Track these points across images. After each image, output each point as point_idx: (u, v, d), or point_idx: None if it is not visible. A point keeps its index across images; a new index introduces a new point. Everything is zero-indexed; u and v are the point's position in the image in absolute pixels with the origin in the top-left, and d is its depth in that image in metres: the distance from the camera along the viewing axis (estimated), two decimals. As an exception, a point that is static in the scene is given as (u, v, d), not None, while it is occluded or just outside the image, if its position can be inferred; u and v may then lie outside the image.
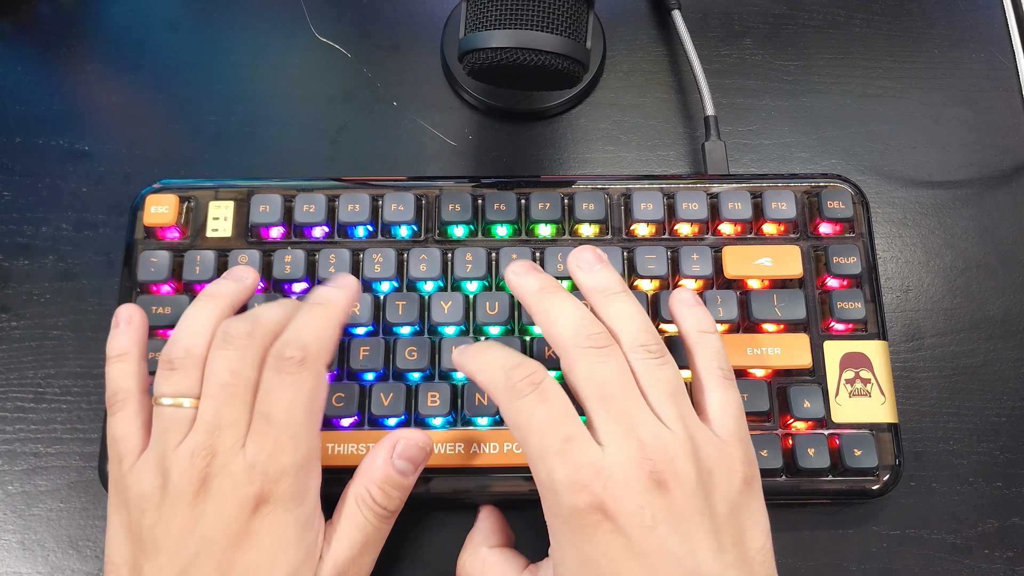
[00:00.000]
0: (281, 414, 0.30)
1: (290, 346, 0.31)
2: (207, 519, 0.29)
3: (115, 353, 0.33)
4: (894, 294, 0.43)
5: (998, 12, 0.48)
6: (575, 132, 0.46)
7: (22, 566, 0.38)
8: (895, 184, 0.45)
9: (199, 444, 0.30)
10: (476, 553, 0.34)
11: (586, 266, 0.34)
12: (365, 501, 0.32)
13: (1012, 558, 0.38)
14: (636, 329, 0.32)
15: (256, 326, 0.31)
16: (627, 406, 0.29)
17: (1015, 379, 0.41)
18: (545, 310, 0.32)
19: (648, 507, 0.27)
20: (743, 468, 0.30)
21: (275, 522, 0.30)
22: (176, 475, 0.29)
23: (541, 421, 0.29)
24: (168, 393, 0.31)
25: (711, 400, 0.32)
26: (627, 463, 0.28)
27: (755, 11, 0.48)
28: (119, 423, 0.32)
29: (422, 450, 0.33)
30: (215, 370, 0.31)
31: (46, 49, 0.47)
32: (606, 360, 0.30)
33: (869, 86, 0.47)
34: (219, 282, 0.35)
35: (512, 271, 0.34)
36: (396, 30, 0.48)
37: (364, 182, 0.41)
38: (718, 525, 0.29)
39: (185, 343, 0.32)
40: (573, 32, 0.36)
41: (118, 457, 0.31)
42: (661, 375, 0.31)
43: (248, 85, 0.47)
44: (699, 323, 0.34)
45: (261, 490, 0.29)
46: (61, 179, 0.44)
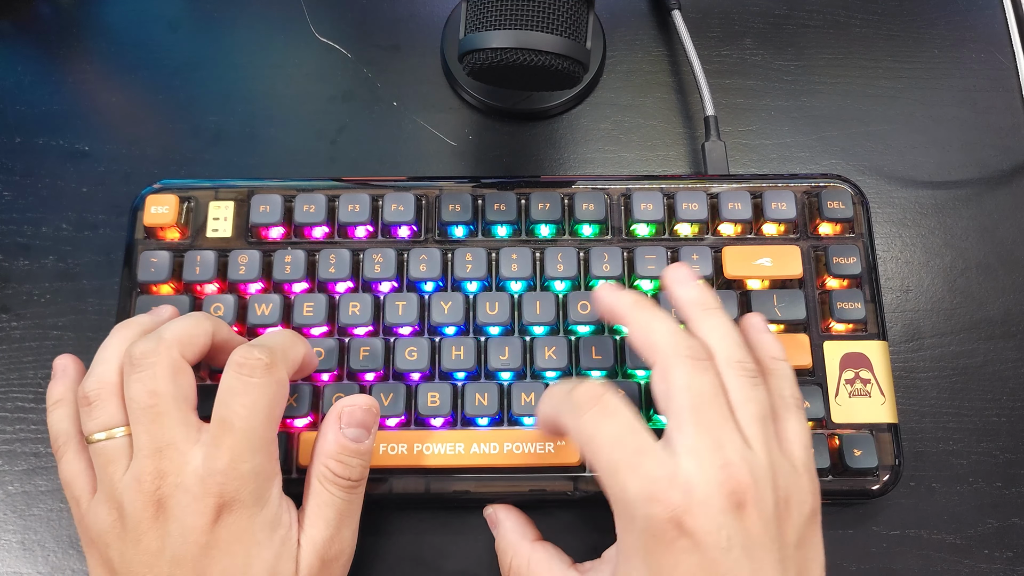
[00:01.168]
0: (241, 420, 0.30)
1: (256, 349, 0.31)
2: (172, 537, 0.29)
3: (52, 401, 0.33)
4: (894, 294, 0.43)
5: (998, 12, 0.48)
6: (575, 132, 0.46)
7: (22, 566, 0.38)
8: (895, 184, 0.45)
9: (142, 469, 0.30)
10: (518, 551, 0.34)
11: (683, 281, 0.34)
12: (327, 477, 0.32)
13: (1012, 558, 0.38)
14: (733, 346, 0.31)
15: (159, 341, 0.31)
16: (718, 421, 0.29)
17: (1015, 379, 0.41)
18: (645, 319, 0.32)
19: (725, 528, 0.27)
20: (812, 500, 0.30)
21: (240, 527, 0.30)
22: (128, 504, 0.29)
23: (608, 435, 0.29)
24: (95, 428, 0.31)
25: (787, 429, 0.31)
26: (710, 480, 0.28)
27: (755, 11, 0.48)
28: (66, 467, 0.32)
29: (368, 411, 0.33)
30: (132, 396, 0.30)
31: (46, 49, 0.47)
32: (704, 372, 0.30)
33: (869, 86, 0.47)
34: (136, 317, 0.35)
35: (602, 291, 0.34)
36: (396, 30, 0.48)
37: (364, 182, 0.41)
38: (785, 555, 0.28)
39: (97, 376, 0.31)
40: (573, 32, 0.36)
41: (74, 499, 0.32)
42: (754, 395, 0.30)
43: (248, 85, 0.47)
44: (773, 350, 0.34)
45: (221, 498, 0.29)
46: (61, 179, 0.44)
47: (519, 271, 0.39)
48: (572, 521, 0.38)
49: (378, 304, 0.38)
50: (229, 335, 0.34)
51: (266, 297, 0.38)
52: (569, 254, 0.39)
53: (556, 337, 0.38)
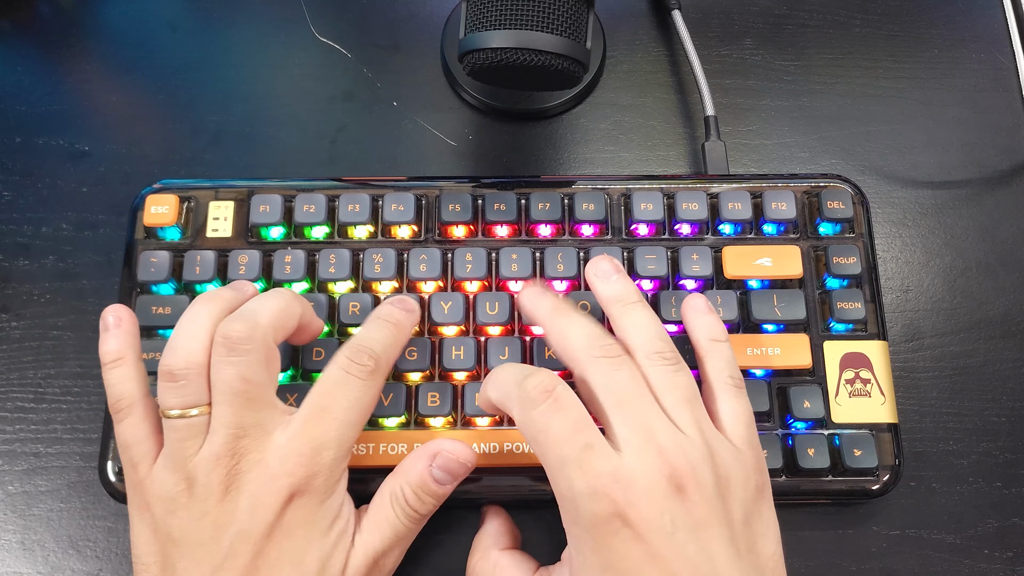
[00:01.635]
0: (341, 411, 0.31)
1: (364, 353, 0.32)
2: (240, 512, 0.29)
3: (110, 358, 0.33)
4: (894, 294, 0.43)
5: (998, 12, 0.48)
6: (575, 132, 0.46)
7: (22, 566, 0.38)
8: (895, 184, 0.45)
9: (223, 449, 0.30)
10: (487, 556, 0.34)
11: (604, 275, 0.35)
12: (398, 500, 0.32)
13: (1012, 558, 0.38)
14: (651, 337, 0.32)
15: (255, 327, 0.31)
16: (644, 412, 0.29)
17: (1015, 379, 0.41)
18: (559, 327, 0.32)
19: (667, 512, 0.28)
20: (756, 476, 0.30)
21: (307, 512, 0.30)
22: (203, 476, 0.30)
23: (558, 431, 0.29)
24: (175, 406, 0.31)
25: (723, 408, 0.32)
26: (647, 469, 0.28)
27: (755, 11, 0.48)
28: (128, 430, 0.32)
29: (462, 465, 0.33)
30: (224, 379, 0.30)
31: (46, 49, 0.47)
32: (619, 368, 0.30)
33: (869, 86, 0.47)
34: (217, 288, 0.35)
35: (525, 295, 0.35)
36: (396, 30, 0.48)
37: (364, 182, 0.41)
38: (734, 532, 0.29)
39: (184, 351, 0.31)
40: (573, 32, 0.36)
41: (132, 463, 0.31)
42: (676, 381, 0.31)
43: (248, 85, 0.47)
44: (711, 331, 0.34)
45: (297, 482, 0.30)
46: (61, 179, 0.44)
47: (519, 271, 0.39)
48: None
49: (378, 304, 0.38)
50: (311, 317, 0.35)
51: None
52: (569, 254, 0.39)
53: (556, 337, 0.38)
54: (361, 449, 0.36)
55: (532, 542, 0.37)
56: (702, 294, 0.36)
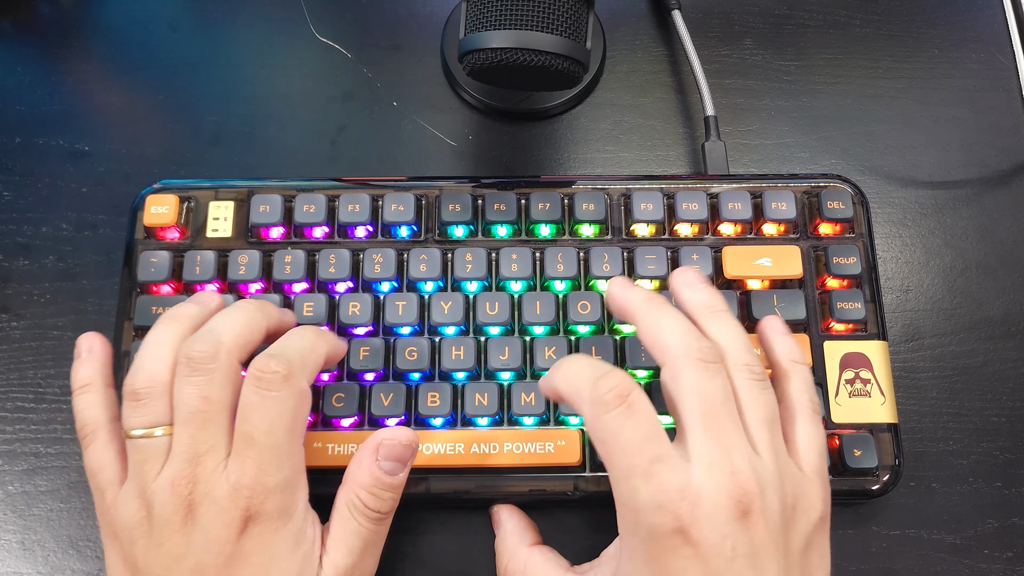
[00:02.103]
0: (263, 435, 0.30)
1: (273, 360, 0.30)
2: (196, 545, 0.29)
3: (79, 384, 0.33)
4: (894, 294, 0.43)
5: (998, 12, 0.48)
6: (575, 132, 0.46)
7: (22, 566, 0.38)
8: (895, 184, 0.45)
9: (179, 473, 0.29)
10: (516, 554, 0.34)
11: (691, 284, 0.33)
12: (356, 507, 0.32)
13: (1012, 558, 0.38)
14: (741, 348, 0.31)
15: (219, 346, 0.31)
16: (727, 427, 0.29)
17: (1015, 379, 0.41)
18: (654, 318, 0.31)
19: (730, 537, 0.27)
20: (821, 506, 0.30)
21: (265, 541, 0.30)
22: (159, 505, 0.29)
23: (629, 438, 0.28)
24: (138, 425, 0.30)
25: (800, 432, 0.31)
26: (717, 489, 0.27)
27: (755, 11, 0.48)
28: (93, 455, 0.32)
29: (407, 447, 0.32)
30: (184, 398, 0.30)
31: (46, 49, 0.47)
32: (715, 376, 0.29)
33: (869, 86, 0.47)
34: (180, 305, 0.34)
35: (614, 286, 0.33)
36: (396, 30, 0.48)
37: (364, 182, 0.41)
38: (790, 562, 0.28)
39: (147, 372, 0.31)
40: (573, 32, 0.36)
41: (99, 489, 0.31)
42: (762, 399, 0.30)
43: (248, 85, 0.47)
44: (791, 352, 0.33)
45: (247, 511, 0.29)
46: (61, 179, 0.44)
47: (519, 271, 0.39)
48: (572, 521, 0.38)
49: (378, 304, 0.38)
50: (280, 322, 0.34)
51: (266, 297, 0.38)
52: (569, 254, 0.39)
53: (556, 337, 0.38)
54: (361, 449, 0.36)
55: (532, 542, 0.37)
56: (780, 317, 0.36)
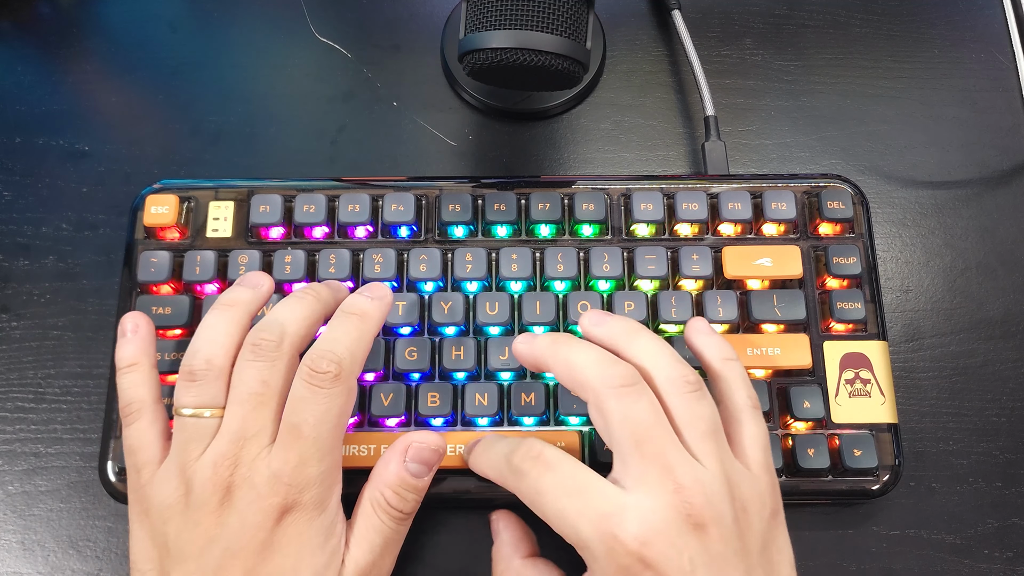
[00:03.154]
0: (310, 428, 0.30)
1: (325, 359, 0.31)
2: (231, 528, 0.29)
3: (125, 363, 0.33)
4: (894, 294, 0.43)
5: (998, 12, 0.48)
6: (575, 132, 0.46)
7: (22, 566, 0.38)
8: (895, 184, 0.45)
9: (222, 453, 0.30)
10: (509, 567, 0.34)
11: (599, 322, 0.33)
12: (380, 505, 0.32)
13: (1012, 558, 0.38)
14: (668, 363, 0.31)
15: (284, 336, 0.32)
16: (663, 447, 0.29)
17: (1015, 379, 0.41)
18: (563, 358, 0.31)
19: (685, 550, 0.27)
20: (771, 501, 0.30)
21: (299, 530, 0.30)
22: (199, 484, 0.30)
23: (549, 486, 0.29)
24: (190, 404, 0.31)
25: (743, 432, 0.31)
26: (664, 506, 0.28)
27: (755, 11, 0.48)
28: (135, 434, 0.32)
29: (435, 452, 0.33)
30: (245, 379, 0.31)
31: (46, 49, 0.47)
32: (638, 399, 0.29)
33: (869, 86, 0.47)
34: (234, 289, 0.34)
35: (519, 342, 0.33)
36: (396, 30, 0.48)
37: (364, 182, 0.41)
38: (751, 563, 0.28)
39: (206, 354, 0.31)
40: (573, 32, 0.36)
41: (136, 467, 0.32)
42: (699, 411, 0.30)
43: (248, 85, 0.47)
44: (722, 351, 0.33)
45: (285, 500, 0.30)
46: (61, 179, 0.44)
47: (519, 271, 0.39)
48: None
49: (378, 304, 0.38)
50: (335, 304, 0.34)
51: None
52: (569, 254, 0.39)
53: (556, 337, 0.38)
54: (363, 450, 0.36)
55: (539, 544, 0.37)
56: (702, 316, 0.36)
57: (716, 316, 0.38)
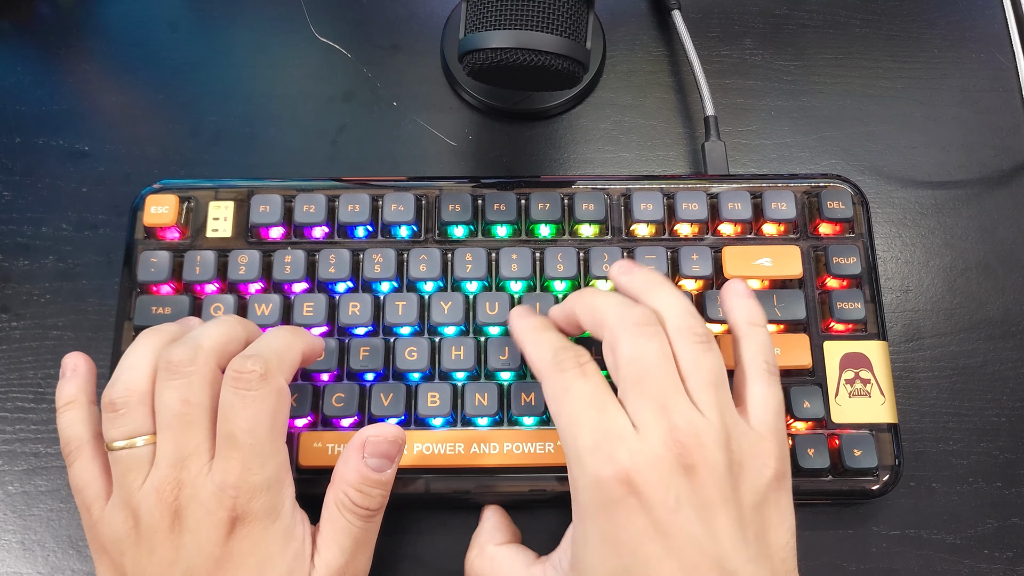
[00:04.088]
0: (245, 434, 0.30)
1: (249, 361, 0.30)
2: (186, 549, 0.29)
3: (63, 402, 0.33)
4: (894, 294, 0.43)
5: (998, 12, 0.48)
6: (575, 132, 0.46)
7: (22, 566, 0.38)
8: (895, 184, 0.45)
9: (163, 479, 0.29)
10: (483, 552, 0.34)
11: (627, 270, 0.34)
12: (345, 505, 0.32)
13: (1012, 558, 0.38)
14: (683, 312, 0.31)
15: (198, 350, 0.31)
16: (664, 388, 0.29)
17: (1015, 379, 0.41)
18: (588, 301, 0.32)
19: (673, 489, 0.27)
20: (775, 464, 0.30)
21: (254, 540, 0.30)
22: (146, 513, 0.29)
23: (577, 391, 0.29)
24: (118, 436, 0.30)
25: (753, 392, 0.31)
26: (657, 443, 0.28)
27: (755, 11, 0.48)
28: (78, 472, 0.32)
29: (393, 443, 0.32)
30: (165, 402, 0.30)
31: (46, 49, 0.47)
32: (651, 339, 0.30)
33: (869, 86, 0.47)
34: (163, 324, 0.34)
35: (513, 316, 0.35)
36: (396, 30, 0.48)
37: (364, 182, 0.41)
38: (743, 516, 0.28)
39: (124, 382, 0.31)
40: (573, 32, 0.36)
41: (85, 506, 0.31)
42: (705, 361, 0.30)
43: (248, 85, 0.47)
44: (750, 314, 0.33)
45: (234, 511, 0.29)
46: (61, 179, 0.44)
47: (519, 271, 0.39)
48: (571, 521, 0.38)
49: (378, 304, 0.38)
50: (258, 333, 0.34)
51: (266, 297, 0.38)
52: (569, 254, 0.39)
53: (556, 337, 0.38)
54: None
55: (532, 543, 0.37)
56: (742, 280, 0.35)
57: (716, 316, 0.38)
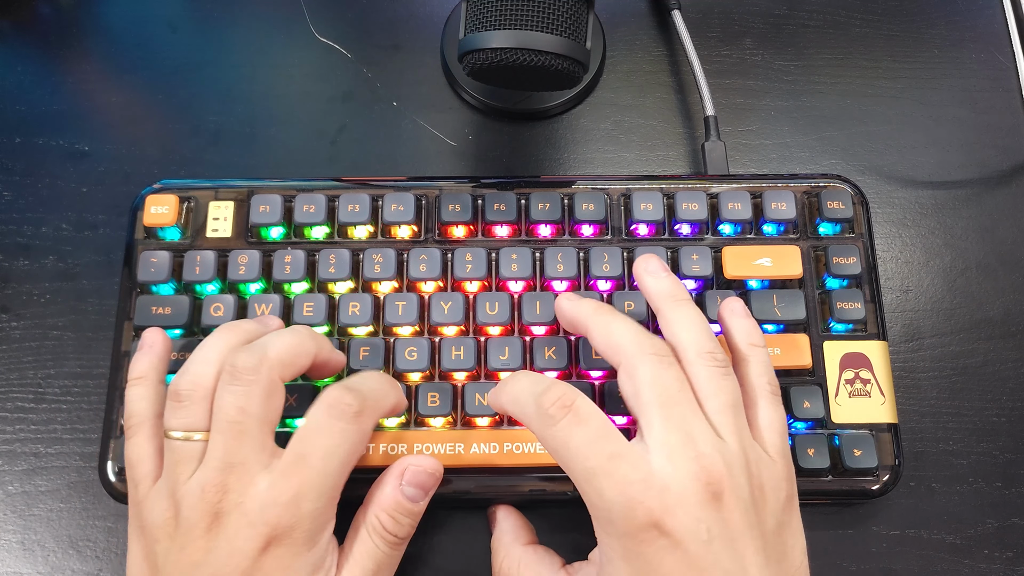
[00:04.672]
0: (318, 460, 0.30)
1: (349, 395, 0.31)
2: (217, 554, 0.29)
3: (133, 376, 0.33)
4: (894, 294, 0.43)
5: (998, 12, 0.48)
6: (575, 132, 0.46)
7: (22, 566, 0.38)
8: (895, 184, 0.45)
9: (209, 480, 0.29)
10: (510, 553, 0.34)
11: (654, 271, 0.34)
12: (376, 529, 0.32)
13: (1012, 558, 0.38)
14: (702, 336, 0.31)
15: (263, 359, 0.31)
16: (686, 414, 0.29)
17: (1015, 379, 0.41)
18: (604, 323, 0.32)
19: (704, 521, 0.27)
20: (787, 486, 0.30)
21: (285, 564, 0.29)
22: (187, 508, 0.29)
23: (580, 442, 0.29)
24: (177, 427, 0.31)
25: (761, 415, 0.32)
26: (684, 475, 0.28)
27: (755, 11, 0.48)
28: (133, 448, 0.32)
29: (431, 476, 0.33)
30: (222, 406, 0.30)
31: (46, 49, 0.47)
32: (669, 367, 0.30)
33: (869, 86, 0.47)
34: (242, 320, 0.34)
35: (564, 299, 0.35)
36: (396, 30, 0.48)
37: (364, 182, 0.41)
38: (766, 542, 0.29)
39: (192, 375, 0.31)
40: (573, 32, 0.36)
41: (134, 482, 0.32)
42: (724, 385, 0.30)
43: (248, 85, 0.47)
44: (750, 335, 0.34)
45: (274, 531, 0.29)
46: (61, 179, 0.44)
47: (519, 271, 0.39)
48: (571, 521, 0.38)
49: (378, 304, 0.38)
50: (330, 353, 0.34)
51: (266, 297, 0.38)
52: (569, 254, 0.39)
53: (556, 337, 0.38)
54: (361, 449, 0.36)
55: (532, 542, 0.37)
56: (739, 298, 0.36)
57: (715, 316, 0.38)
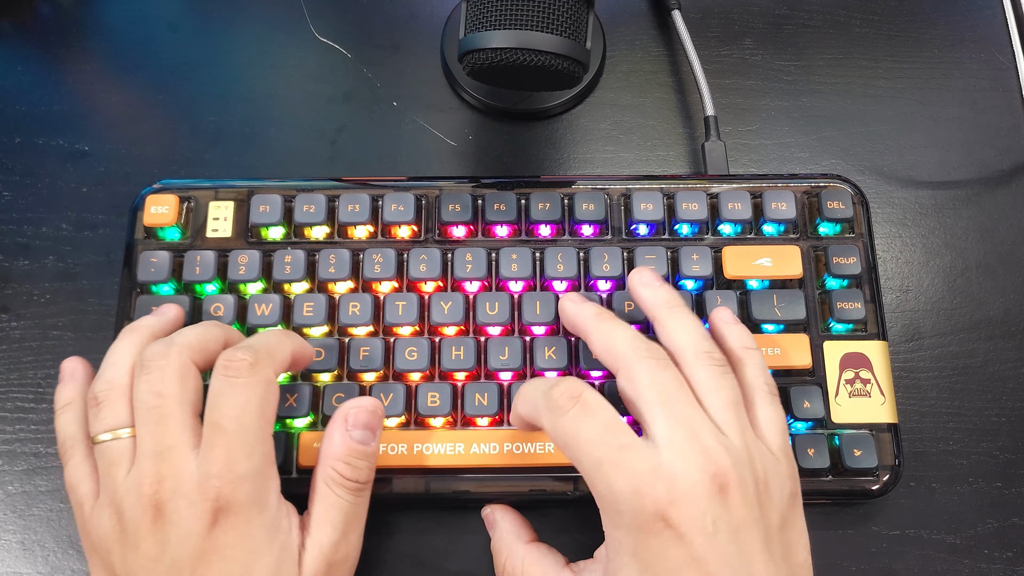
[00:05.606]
0: (231, 422, 0.30)
1: (239, 351, 0.31)
2: (170, 543, 0.29)
3: (60, 405, 0.34)
4: (894, 294, 0.43)
5: (998, 12, 0.48)
6: (575, 132, 0.46)
7: (22, 566, 0.38)
8: (895, 184, 0.45)
9: (144, 472, 0.29)
10: (513, 552, 0.34)
11: (649, 283, 0.35)
12: (335, 479, 0.32)
13: (1012, 558, 0.38)
14: (698, 338, 0.32)
15: (171, 345, 0.31)
16: (688, 411, 0.30)
17: (1015, 379, 0.41)
18: (605, 329, 0.33)
19: (709, 513, 0.28)
20: (790, 483, 0.31)
21: (240, 532, 0.29)
22: (129, 508, 0.29)
23: (589, 433, 0.29)
24: (101, 429, 0.31)
25: (761, 415, 0.32)
26: (691, 467, 0.28)
27: (755, 11, 0.48)
28: (71, 471, 0.32)
29: (373, 413, 0.33)
30: (139, 396, 0.30)
31: (46, 49, 0.47)
32: (665, 368, 0.31)
33: (869, 86, 0.47)
34: (141, 318, 0.35)
35: (566, 302, 0.35)
36: (396, 30, 0.48)
37: (364, 182, 0.41)
38: (770, 537, 0.29)
39: (107, 378, 0.32)
40: (573, 32, 0.36)
41: (78, 504, 0.32)
42: (724, 383, 0.31)
43: (248, 85, 0.47)
44: (743, 339, 0.34)
45: (218, 502, 0.29)
46: (61, 179, 0.44)
47: (519, 271, 0.39)
48: (571, 521, 0.38)
49: (378, 304, 0.38)
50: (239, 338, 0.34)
51: (266, 297, 0.38)
52: (569, 254, 0.39)
53: (556, 337, 0.38)
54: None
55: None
56: (727, 307, 0.37)
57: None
